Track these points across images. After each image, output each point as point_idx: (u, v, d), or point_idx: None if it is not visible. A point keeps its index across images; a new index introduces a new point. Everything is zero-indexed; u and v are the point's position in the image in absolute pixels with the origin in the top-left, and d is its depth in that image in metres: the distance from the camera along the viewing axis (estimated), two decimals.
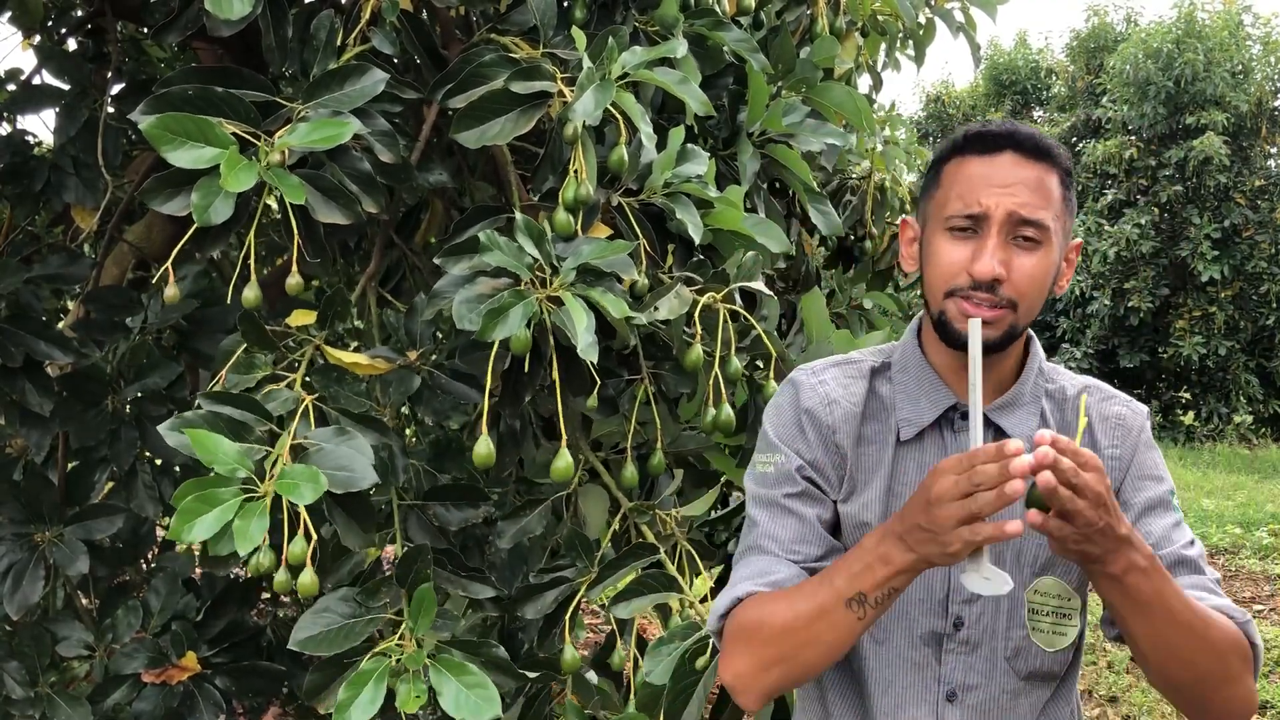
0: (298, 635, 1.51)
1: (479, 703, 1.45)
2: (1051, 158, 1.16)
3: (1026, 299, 1.14)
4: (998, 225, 1.13)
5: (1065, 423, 1.25)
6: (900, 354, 1.28)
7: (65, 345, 1.94)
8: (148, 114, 1.42)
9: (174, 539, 1.33)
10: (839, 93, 2.10)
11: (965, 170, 1.16)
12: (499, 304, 1.43)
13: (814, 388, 1.27)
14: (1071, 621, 1.22)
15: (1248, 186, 12.72)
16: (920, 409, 1.23)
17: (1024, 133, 1.16)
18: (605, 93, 1.54)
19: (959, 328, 1.14)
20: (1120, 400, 1.28)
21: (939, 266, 1.17)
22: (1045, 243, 1.14)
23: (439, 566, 1.71)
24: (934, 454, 1.23)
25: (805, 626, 1.11)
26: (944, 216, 1.17)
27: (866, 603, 1.08)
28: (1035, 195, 1.13)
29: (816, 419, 1.25)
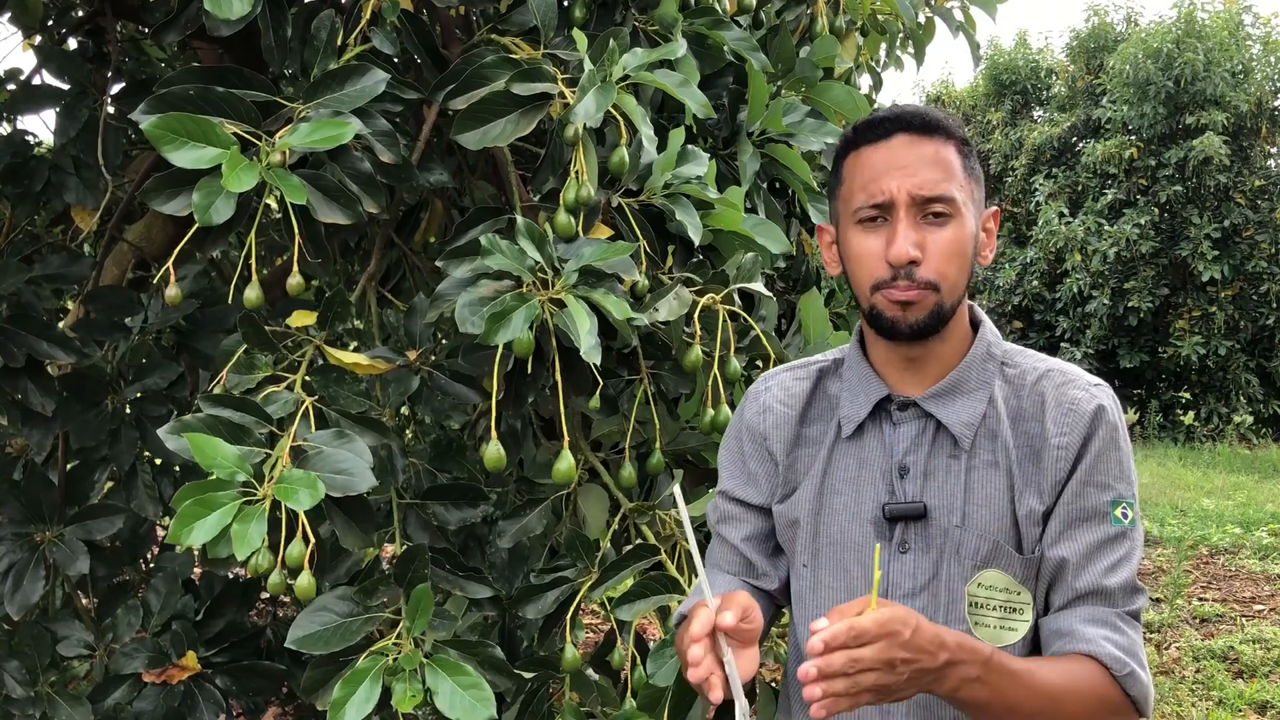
0: (294, 633, 1.51)
1: (474, 703, 1.45)
2: (944, 130, 1.16)
3: (948, 277, 1.15)
4: (904, 208, 1.13)
5: (1020, 409, 1.20)
6: (848, 353, 1.30)
7: (66, 345, 1.94)
8: (148, 114, 1.42)
9: (173, 542, 1.33)
10: (839, 92, 2.09)
11: (862, 161, 1.17)
12: (502, 307, 1.43)
13: (757, 397, 1.33)
14: (1022, 616, 1.19)
15: (1248, 186, 12.72)
16: (857, 405, 1.24)
17: (910, 111, 1.17)
18: (606, 94, 1.54)
19: (889, 315, 1.16)
20: (1080, 385, 1.20)
21: (858, 261, 1.18)
22: (955, 215, 1.14)
23: (437, 566, 1.72)
24: (873, 448, 1.23)
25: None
26: (852, 211, 1.18)
27: (685, 619, 1.20)
28: (935, 170, 1.14)
29: (753, 430, 1.31)
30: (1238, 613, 5.54)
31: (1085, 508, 1.17)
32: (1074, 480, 1.17)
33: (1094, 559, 1.16)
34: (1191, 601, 5.72)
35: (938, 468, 1.20)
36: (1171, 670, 4.70)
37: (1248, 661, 4.74)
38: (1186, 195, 12.84)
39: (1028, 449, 1.19)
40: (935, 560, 1.19)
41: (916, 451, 1.21)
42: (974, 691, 1.04)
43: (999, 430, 1.20)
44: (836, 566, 1.24)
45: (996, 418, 1.20)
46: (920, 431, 1.22)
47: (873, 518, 1.22)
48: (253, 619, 2.36)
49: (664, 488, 1.95)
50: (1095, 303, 13.01)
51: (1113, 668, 1.12)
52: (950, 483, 1.19)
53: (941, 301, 1.15)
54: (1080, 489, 1.17)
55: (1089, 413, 1.17)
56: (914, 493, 1.20)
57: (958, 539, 1.18)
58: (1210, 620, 5.43)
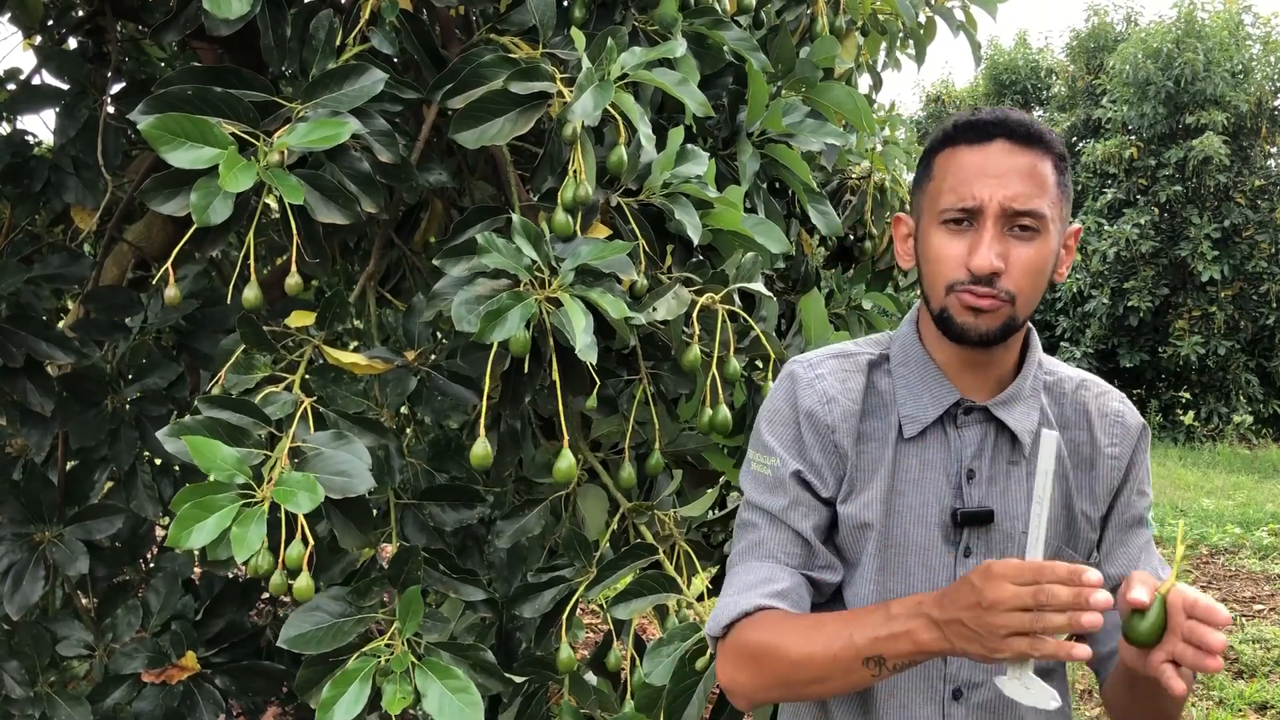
0: (287, 632, 1.52)
1: (461, 707, 1.45)
2: (1044, 143, 1.14)
3: (1025, 291, 1.13)
4: (993, 217, 1.11)
5: (1064, 417, 1.25)
6: (899, 347, 1.25)
7: (66, 345, 1.94)
8: (147, 114, 1.42)
9: (173, 545, 1.33)
10: (839, 92, 2.09)
11: (957, 161, 1.15)
12: (497, 305, 1.43)
13: (811, 384, 1.23)
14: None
15: (1248, 186, 12.71)
16: (923, 405, 1.21)
17: (1015, 119, 1.14)
18: (604, 93, 1.54)
19: (961, 321, 1.14)
20: (1117, 397, 1.28)
21: (937, 262, 1.15)
22: (1043, 231, 1.12)
23: (431, 568, 1.72)
24: (937, 451, 1.21)
25: (817, 667, 1.10)
26: (938, 210, 1.15)
27: (884, 665, 1.06)
28: (1029, 183, 1.12)
29: (815, 419, 1.22)
30: (1238, 613, 5.53)
31: (1135, 515, 1.25)
32: (1126, 489, 1.24)
33: (1149, 558, 1.24)
34: None
35: (1000, 473, 1.21)
36: None
37: (1248, 661, 4.74)
38: (1186, 195, 12.83)
39: (1077, 456, 1.24)
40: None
41: (981, 457, 1.21)
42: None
43: None
44: (900, 569, 1.22)
45: (1047, 425, 1.23)
46: (984, 436, 1.21)
47: (939, 521, 1.20)
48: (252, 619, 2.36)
49: (663, 488, 1.95)
50: (1095, 302, 13.00)
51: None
52: (1013, 488, 1.20)
53: (1015, 315, 1.14)
54: (1130, 499, 1.25)
55: (1135, 426, 1.26)
56: (980, 497, 1.20)
57: (1022, 544, 1.19)
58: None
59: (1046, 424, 1.23)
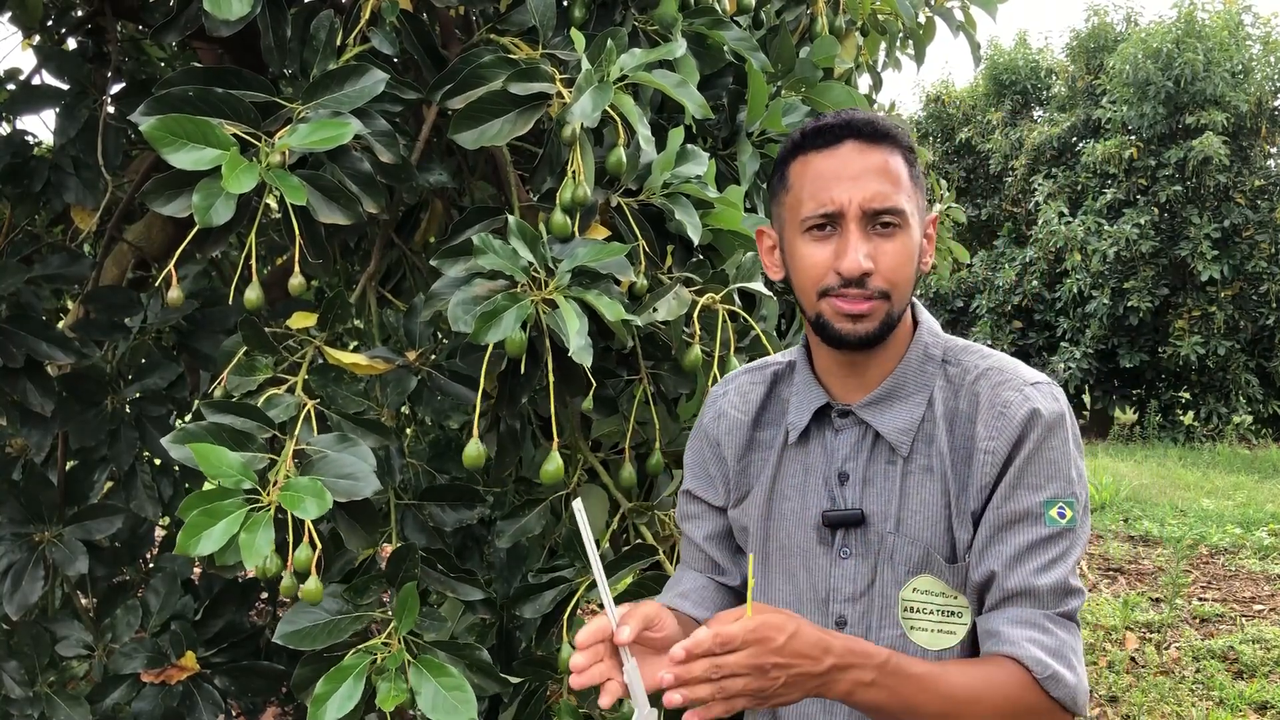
0: (283, 629, 1.52)
1: (455, 705, 1.45)
2: (892, 139, 1.16)
3: (898, 285, 1.15)
4: (855, 219, 1.13)
5: (956, 410, 1.19)
6: (797, 357, 1.30)
7: (65, 345, 1.94)
8: (148, 115, 1.42)
9: (181, 553, 1.33)
10: (839, 92, 2.10)
11: (811, 168, 1.16)
12: (493, 307, 1.43)
13: (714, 401, 1.35)
14: (960, 619, 1.19)
15: (1248, 186, 12.72)
16: (801, 412, 1.25)
17: (860, 119, 1.16)
18: (603, 94, 1.54)
19: (838, 327, 1.16)
20: (1015, 385, 1.17)
21: (806, 270, 1.17)
22: (904, 225, 1.15)
23: (430, 567, 1.72)
24: (818, 455, 1.24)
25: None
26: (800, 219, 1.17)
27: None
28: (884, 180, 1.14)
29: (708, 436, 1.33)
30: (1238, 613, 5.54)
31: (1016, 510, 1.14)
32: (1003, 484, 1.15)
33: (1024, 561, 1.13)
34: (1191, 601, 5.72)
35: (876, 474, 1.21)
36: (1171, 670, 4.70)
37: (1248, 661, 4.74)
38: (1186, 195, 12.84)
39: (962, 452, 1.18)
40: (873, 566, 1.20)
41: (856, 458, 1.22)
42: (869, 695, 1.04)
43: (935, 435, 1.19)
44: (784, 571, 1.26)
45: (934, 421, 1.19)
46: (860, 438, 1.22)
47: (815, 524, 1.23)
48: (252, 619, 2.37)
49: (664, 488, 1.95)
50: (1095, 303, 13.01)
51: (1034, 670, 1.10)
52: (887, 489, 1.20)
53: (892, 310, 1.16)
54: (1009, 493, 1.15)
55: (1020, 416, 1.15)
56: (853, 499, 1.21)
57: (892, 545, 1.19)
58: (1210, 620, 5.43)
59: (933, 420, 1.19)
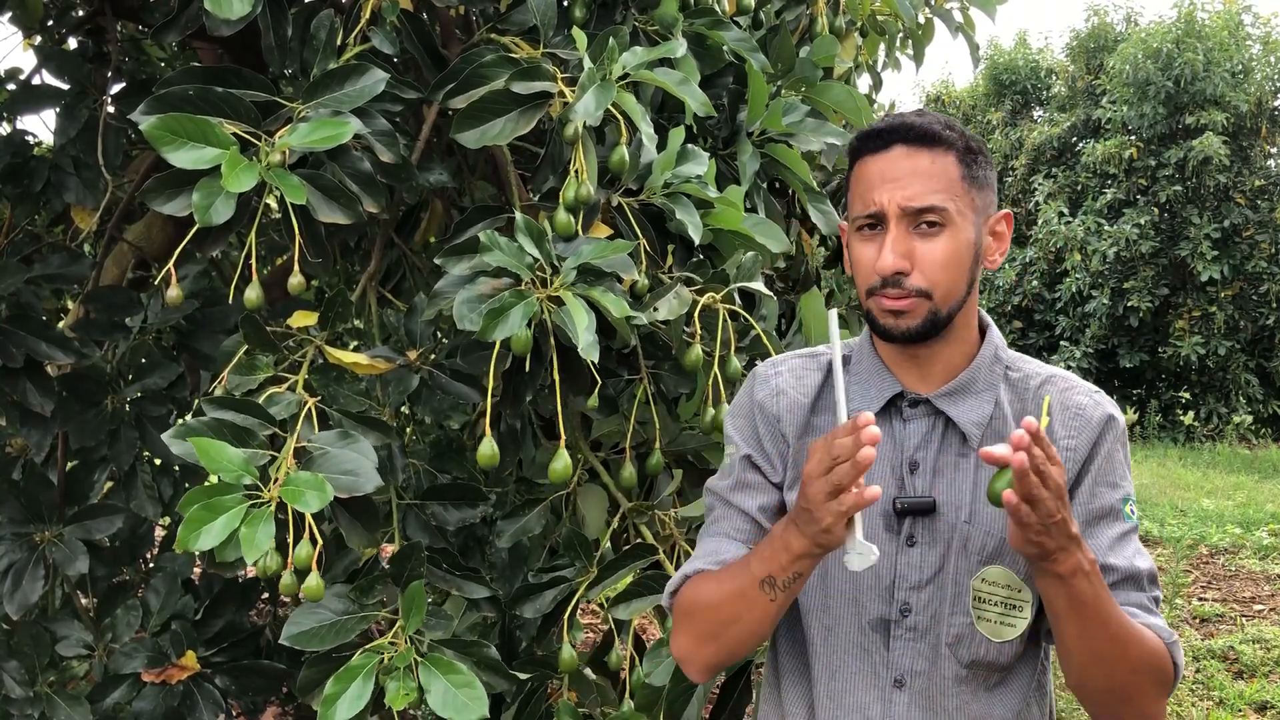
0: (289, 630, 1.52)
1: (466, 702, 1.45)
2: (942, 140, 1.18)
3: (940, 284, 1.17)
4: (894, 219, 1.16)
5: (1024, 412, 1.24)
6: (857, 347, 1.32)
7: (65, 345, 1.94)
8: (148, 114, 1.42)
9: (181, 548, 1.33)
10: (839, 92, 2.10)
11: (863, 171, 1.20)
12: (499, 304, 1.43)
13: (768, 379, 1.33)
14: (1021, 613, 1.22)
15: (1248, 186, 12.72)
16: (869, 399, 1.26)
17: (910, 123, 1.18)
18: (606, 93, 1.54)
19: (882, 323, 1.19)
20: (1084, 391, 1.26)
21: (857, 268, 1.22)
22: (947, 224, 1.16)
23: (434, 566, 1.72)
24: (883, 443, 1.24)
25: (728, 605, 1.20)
26: (853, 219, 1.22)
27: (776, 585, 1.15)
28: (926, 181, 1.16)
29: (765, 410, 1.30)
30: (1238, 613, 5.54)
31: (1102, 507, 1.22)
32: (1086, 481, 1.22)
33: (1121, 549, 1.21)
34: (1191, 601, 5.72)
35: (947, 465, 1.23)
36: None
37: (1248, 661, 4.74)
38: (1186, 195, 12.84)
39: None
40: (941, 554, 1.21)
41: (926, 448, 1.23)
42: (1081, 585, 1.08)
43: (1005, 431, 1.22)
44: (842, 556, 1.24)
45: (1003, 419, 1.23)
46: (930, 429, 1.24)
47: (881, 511, 1.23)
48: (252, 619, 2.36)
49: (664, 488, 1.95)
50: (1095, 302, 13.01)
51: (1164, 636, 1.16)
52: (959, 479, 1.22)
53: (936, 309, 1.18)
54: (1094, 489, 1.22)
55: (1097, 418, 1.23)
56: (924, 488, 1.22)
57: (965, 534, 1.21)
58: (1210, 620, 5.43)
59: (1001, 418, 1.23)
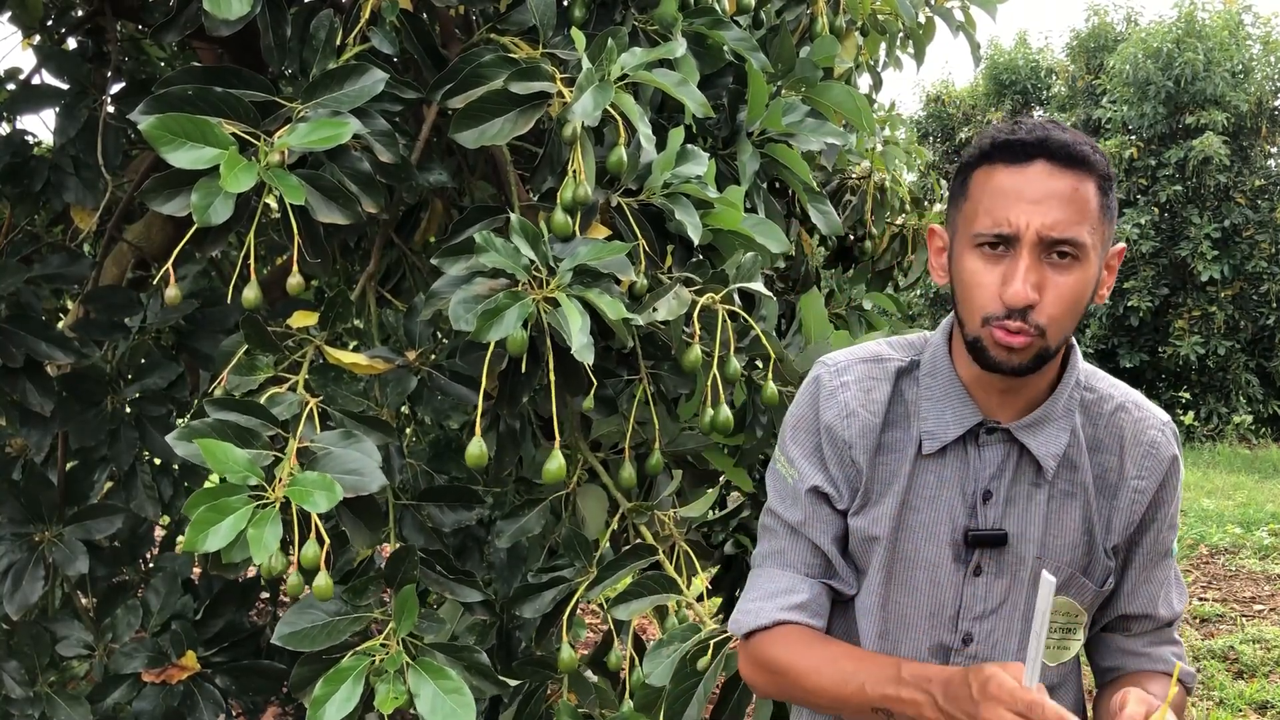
0: (281, 630, 1.52)
1: (454, 708, 1.44)
2: (1088, 165, 1.08)
3: (1059, 320, 1.08)
4: (1029, 245, 1.06)
5: (1096, 439, 1.20)
6: (929, 356, 1.22)
7: (65, 345, 1.94)
8: (147, 114, 1.42)
9: (189, 550, 1.33)
10: (839, 92, 2.09)
11: (994, 182, 1.09)
12: (495, 305, 1.42)
13: (834, 394, 1.22)
14: (1076, 636, 1.24)
15: (1248, 186, 12.71)
16: (945, 423, 1.18)
17: (1057, 139, 1.08)
18: (604, 93, 1.54)
19: (994, 355, 1.10)
20: (1156, 424, 1.21)
21: (972, 289, 1.11)
22: (1082, 259, 1.07)
23: (428, 568, 1.71)
24: (955, 469, 1.19)
25: (830, 699, 1.17)
26: (972, 232, 1.10)
27: (891, 716, 1.12)
28: (1069, 209, 1.06)
29: (834, 434, 1.21)
30: (1238, 613, 5.54)
31: (1160, 550, 1.23)
32: (1154, 526, 1.22)
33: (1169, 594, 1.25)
34: (1191, 601, 5.72)
35: (1019, 495, 1.19)
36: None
37: (1248, 661, 4.74)
38: (1186, 195, 12.83)
39: (1102, 482, 1.21)
40: (1007, 585, 1.20)
41: (1001, 477, 1.19)
42: None
43: (1079, 461, 1.20)
44: (907, 583, 1.22)
45: (1077, 447, 1.20)
46: (1005, 457, 1.19)
47: (951, 540, 1.19)
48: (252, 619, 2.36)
49: (663, 488, 1.95)
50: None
51: (1187, 682, 1.20)
52: (1031, 511, 1.19)
53: (1047, 345, 1.09)
54: (1160, 534, 1.23)
55: (1166, 458, 1.21)
56: (995, 519, 1.18)
57: (1035, 568, 1.18)
58: (1210, 620, 5.43)
59: (1076, 446, 1.19)
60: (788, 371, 1.78)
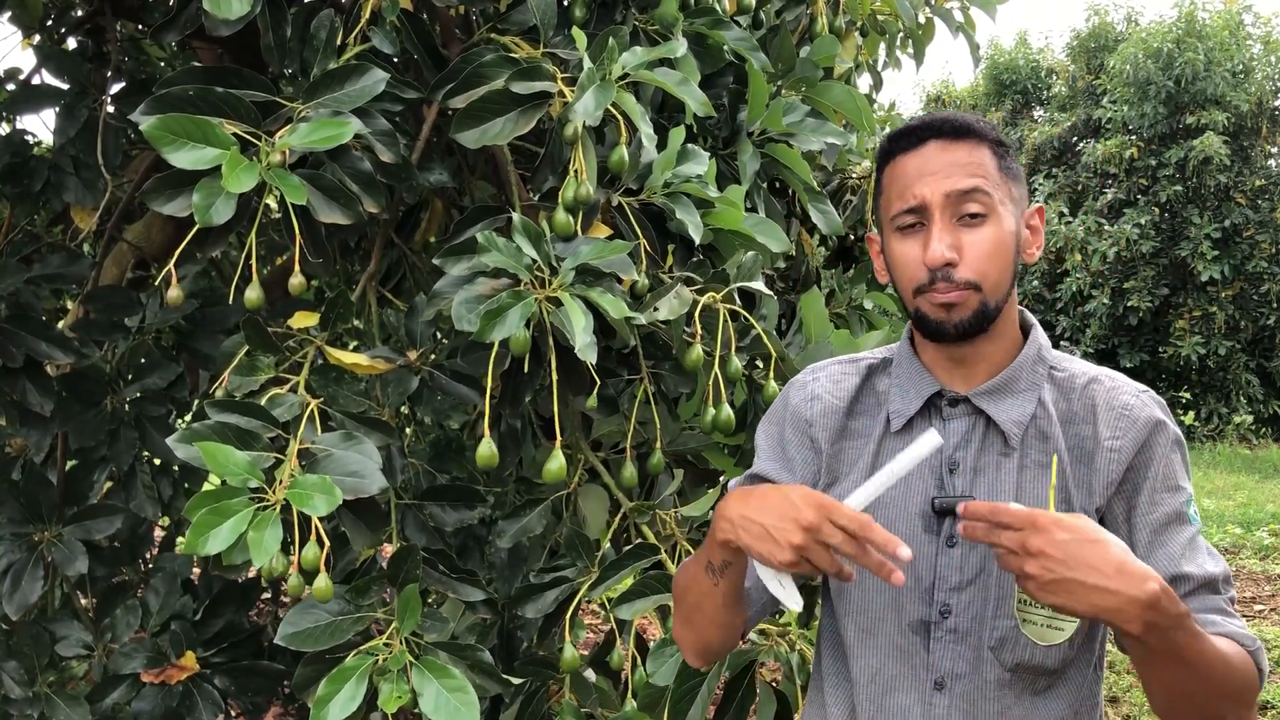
0: (284, 630, 1.52)
1: (458, 707, 1.44)
2: (976, 133, 1.17)
3: (989, 275, 1.15)
4: (938, 209, 1.15)
5: (1070, 412, 1.22)
6: (898, 350, 1.31)
7: (65, 345, 1.94)
8: (148, 114, 1.42)
9: (190, 552, 1.33)
10: (839, 92, 2.09)
11: (898, 169, 1.19)
12: (497, 304, 1.42)
13: (805, 385, 1.33)
14: (1070, 619, 1.18)
15: (1248, 186, 12.72)
16: (908, 400, 1.25)
17: (941, 118, 1.18)
18: (605, 93, 1.54)
19: (934, 318, 1.17)
20: (1131, 391, 1.22)
21: (900, 269, 1.19)
22: (991, 213, 1.15)
23: (431, 568, 1.71)
24: None
25: (692, 589, 1.24)
26: (890, 219, 1.19)
27: (715, 570, 1.18)
28: (967, 170, 1.15)
29: (796, 415, 1.31)
30: (1238, 613, 5.53)
31: (1168, 514, 1.18)
32: (1145, 489, 1.19)
33: (1194, 554, 1.18)
34: None
35: (988, 464, 1.21)
36: None
37: None
38: (1186, 195, 12.83)
39: (1079, 451, 1.21)
40: (983, 555, 1.20)
41: (966, 448, 1.22)
42: (1159, 642, 1.02)
43: (1050, 431, 1.21)
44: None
45: (1047, 419, 1.21)
46: (970, 428, 1.22)
47: (921, 511, 1.22)
48: (252, 619, 2.36)
49: (664, 487, 1.94)
50: (1095, 302, 13.00)
51: (1246, 644, 1.14)
52: (1001, 480, 1.20)
53: (985, 300, 1.16)
54: (1155, 497, 1.19)
55: (1143, 419, 1.20)
56: (964, 488, 1.21)
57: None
58: None
59: (1046, 418, 1.21)
60: (789, 371, 1.78)
